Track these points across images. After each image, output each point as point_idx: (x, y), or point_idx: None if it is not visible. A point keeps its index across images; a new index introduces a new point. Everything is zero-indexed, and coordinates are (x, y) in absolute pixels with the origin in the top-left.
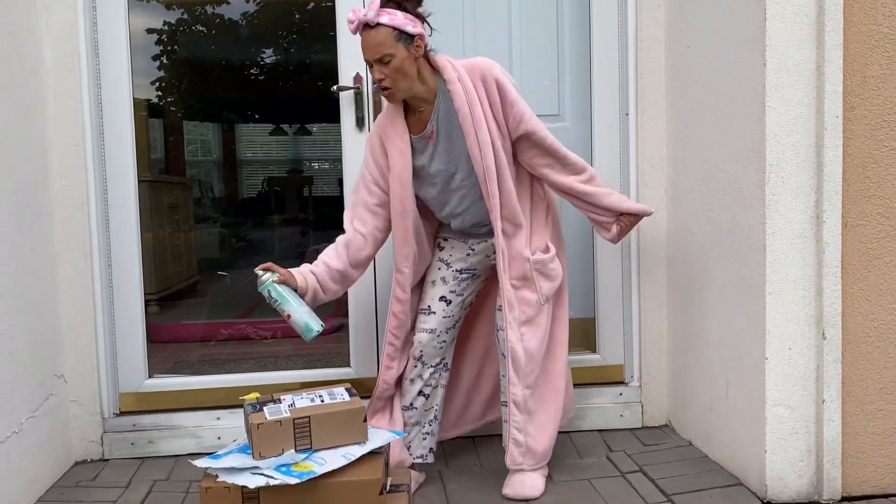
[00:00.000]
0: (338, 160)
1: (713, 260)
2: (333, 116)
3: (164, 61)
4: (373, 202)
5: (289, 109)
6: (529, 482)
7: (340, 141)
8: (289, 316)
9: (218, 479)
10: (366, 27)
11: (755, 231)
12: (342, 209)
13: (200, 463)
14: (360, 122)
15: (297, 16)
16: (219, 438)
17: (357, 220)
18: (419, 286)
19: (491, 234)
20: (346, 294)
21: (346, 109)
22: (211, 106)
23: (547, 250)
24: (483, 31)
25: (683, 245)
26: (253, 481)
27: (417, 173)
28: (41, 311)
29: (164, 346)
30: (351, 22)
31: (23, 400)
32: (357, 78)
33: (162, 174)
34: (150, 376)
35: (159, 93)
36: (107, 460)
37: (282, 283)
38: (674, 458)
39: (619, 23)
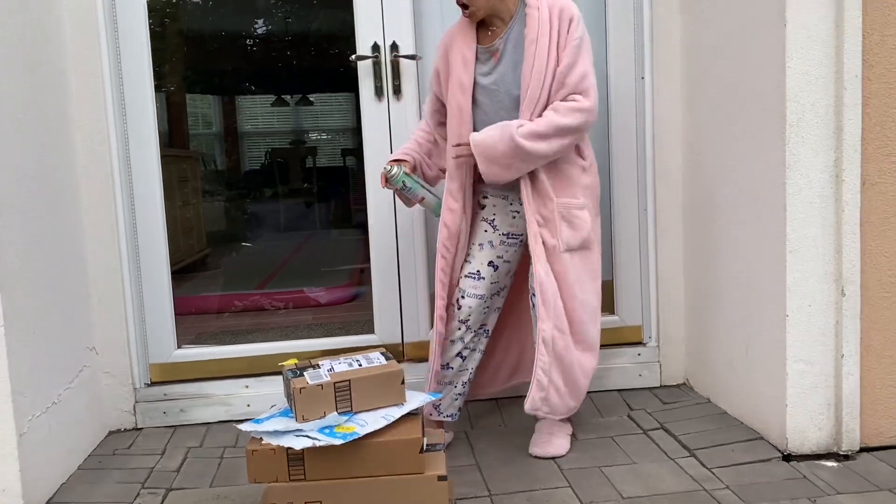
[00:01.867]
0: (339, 130)
1: (732, 220)
2: (336, 86)
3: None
4: (435, 108)
5: (290, 80)
6: (556, 441)
7: (342, 111)
8: (422, 199)
9: (263, 442)
10: None
11: (775, 191)
12: (346, 179)
13: (245, 427)
14: (378, 92)
15: None
16: (248, 406)
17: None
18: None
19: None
20: (368, 262)
21: (364, 79)
22: (210, 78)
23: (575, 197)
24: None
25: (701, 206)
26: (299, 443)
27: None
28: (72, 285)
29: (184, 319)
30: None
31: (60, 372)
32: (375, 47)
33: (166, 147)
34: (179, 347)
35: (157, 67)
36: (140, 429)
37: (410, 171)
38: (694, 414)
39: None
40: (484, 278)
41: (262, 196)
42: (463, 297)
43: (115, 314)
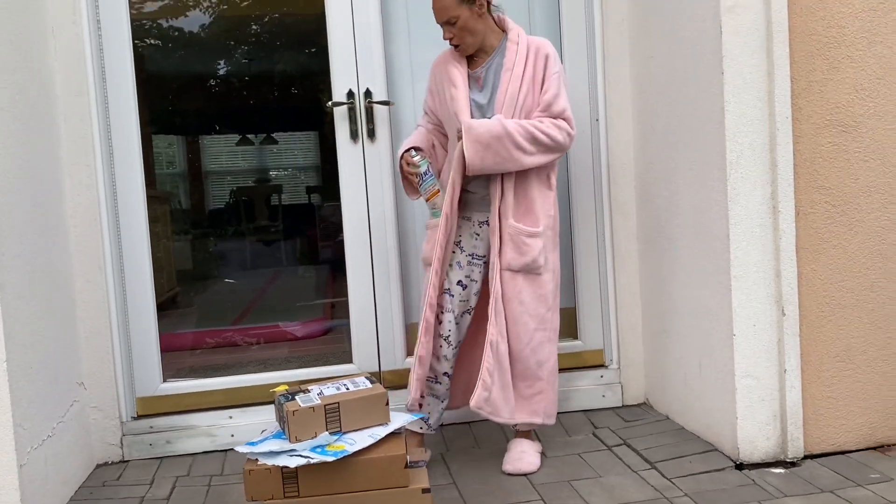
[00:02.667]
0: (304, 168)
1: (682, 249)
2: (300, 125)
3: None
4: (429, 121)
5: (255, 119)
6: (527, 458)
7: (306, 149)
8: (438, 191)
9: (258, 463)
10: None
11: (719, 222)
12: (311, 216)
13: (241, 449)
14: (353, 135)
15: (255, 27)
16: (232, 436)
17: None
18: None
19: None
20: (338, 296)
21: (340, 124)
22: (174, 118)
23: (532, 226)
24: None
25: (654, 236)
26: (293, 461)
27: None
28: (62, 323)
29: (169, 353)
30: None
31: (54, 406)
32: (350, 94)
33: None
34: (165, 380)
35: None
36: (127, 461)
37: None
38: (654, 431)
39: (587, 37)
40: (454, 296)
41: (226, 234)
42: (442, 312)
43: (103, 350)
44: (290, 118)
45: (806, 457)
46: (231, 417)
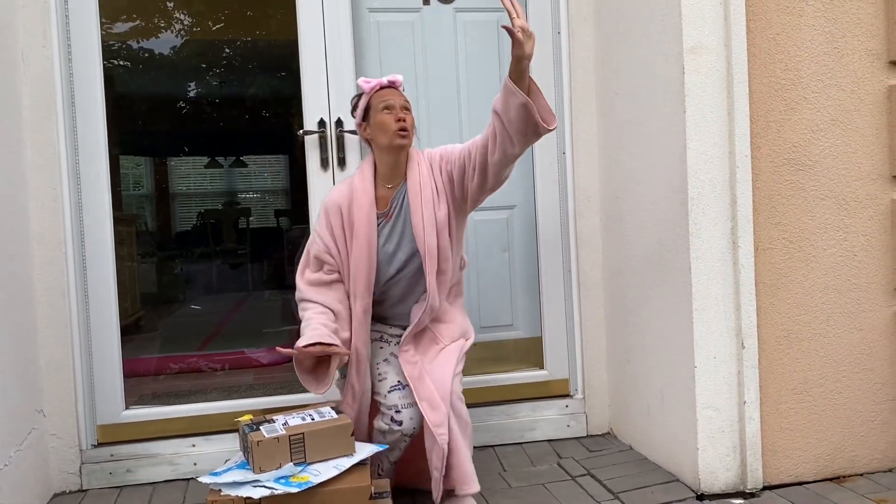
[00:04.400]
0: (273, 192)
1: (645, 282)
2: (270, 149)
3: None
4: (327, 275)
5: (224, 142)
6: None
7: (275, 173)
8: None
9: (222, 494)
10: (390, 87)
11: (681, 256)
12: (280, 240)
13: (204, 479)
14: (324, 164)
15: (227, 50)
16: (195, 465)
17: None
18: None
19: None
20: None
21: (311, 152)
22: (142, 139)
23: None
24: (433, 77)
25: (618, 269)
26: (257, 492)
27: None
28: (22, 349)
29: (131, 379)
30: (367, 82)
31: (11, 434)
32: (322, 122)
33: None
34: (127, 408)
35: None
36: (86, 490)
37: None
38: (617, 461)
39: (555, 72)
40: (407, 386)
41: (193, 256)
42: (398, 410)
43: (64, 376)
44: (260, 142)
45: (765, 487)
46: (194, 446)
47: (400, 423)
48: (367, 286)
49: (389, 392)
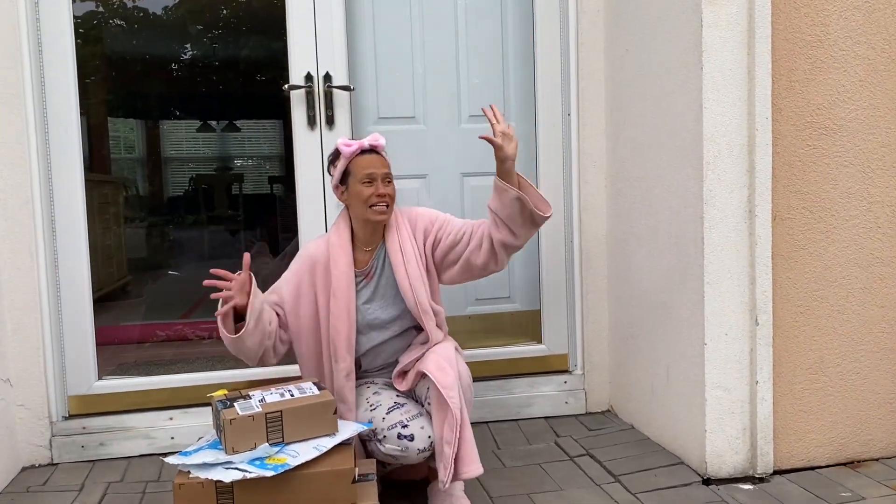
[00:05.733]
0: (266, 158)
1: (653, 252)
2: (264, 113)
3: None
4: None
5: (217, 106)
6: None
7: (270, 138)
8: None
9: (191, 476)
10: (372, 151)
11: (693, 225)
12: (273, 206)
13: (171, 460)
14: (311, 121)
15: (223, 10)
16: (172, 438)
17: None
18: None
19: (388, 370)
20: None
21: (297, 108)
22: (134, 102)
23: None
24: (430, 31)
25: (623, 239)
26: (228, 475)
27: None
28: None
29: (104, 349)
30: (348, 145)
31: None
32: (308, 77)
33: (86, 172)
34: (100, 378)
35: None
36: (56, 464)
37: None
38: (618, 441)
39: (561, 27)
40: (406, 402)
41: (184, 222)
42: (405, 425)
43: (32, 344)
44: (254, 105)
45: (775, 472)
46: (171, 419)
47: (411, 438)
48: (349, 346)
49: (388, 413)
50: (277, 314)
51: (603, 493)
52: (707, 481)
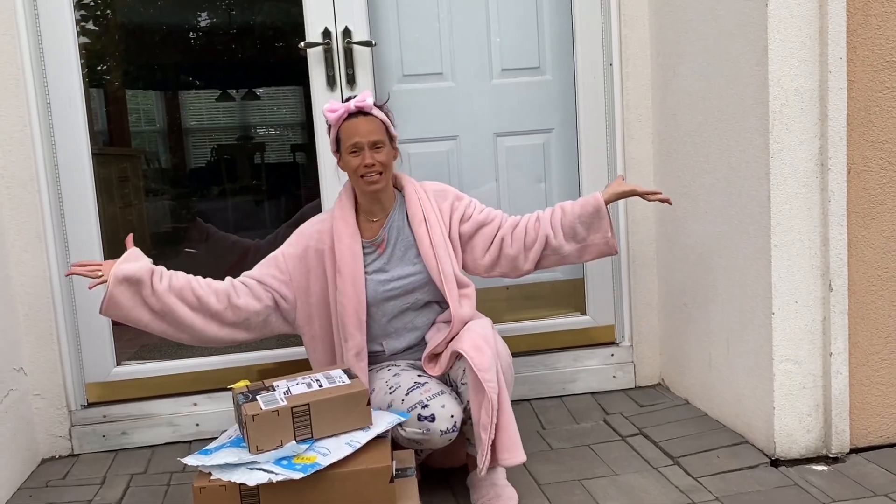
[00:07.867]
0: (288, 126)
1: (709, 212)
2: (284, 79)
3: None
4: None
5: (236, 74)
6: (506, 491)
7: (291, 105)
8: None
9: (212, 478)
10: (360, 114)
11: (758, 181)
12: (296, 175)
13: (190, 461)
14: (331, 82)
15: None
16: (197, 425)
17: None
18: None
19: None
20: None
21: (315, 68)
22: (152, 73)
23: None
24: None
25: (675, 198)
26: (253, 478)
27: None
28: None
29: (124, 332)
30: (333, 111)
31: None
32: (326, 33)
33: (106, 146)
34: (119, 364)
35: (96, 62)
36: (77, 455)
37: None
38: (672, 418)
39: None
40: (429, 381)
41: (208, 194)
42: (425, 405)
43: (46, 331)
44: (274, 72)
45: (851, 451)
46: (196, 405)
47: (432, 419)
48: (358, 323)
49: (408, 394)
50: (270, 286)
51: (661, 478)
52: (776, 462)
